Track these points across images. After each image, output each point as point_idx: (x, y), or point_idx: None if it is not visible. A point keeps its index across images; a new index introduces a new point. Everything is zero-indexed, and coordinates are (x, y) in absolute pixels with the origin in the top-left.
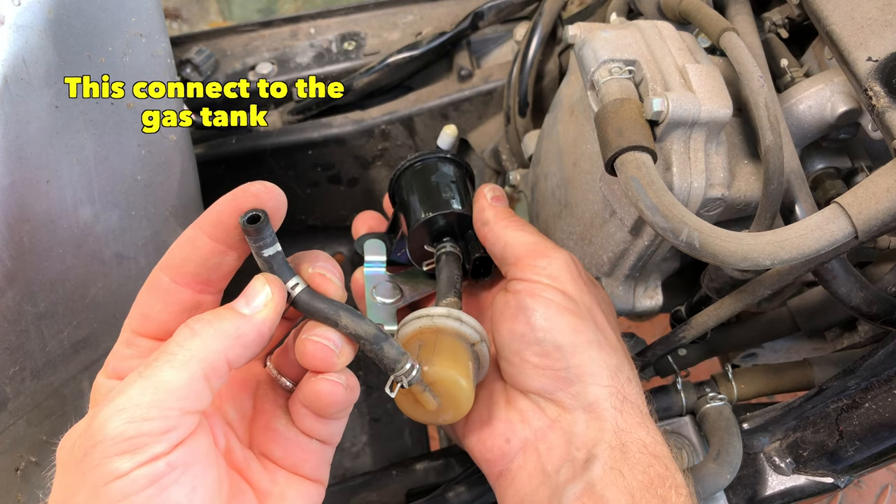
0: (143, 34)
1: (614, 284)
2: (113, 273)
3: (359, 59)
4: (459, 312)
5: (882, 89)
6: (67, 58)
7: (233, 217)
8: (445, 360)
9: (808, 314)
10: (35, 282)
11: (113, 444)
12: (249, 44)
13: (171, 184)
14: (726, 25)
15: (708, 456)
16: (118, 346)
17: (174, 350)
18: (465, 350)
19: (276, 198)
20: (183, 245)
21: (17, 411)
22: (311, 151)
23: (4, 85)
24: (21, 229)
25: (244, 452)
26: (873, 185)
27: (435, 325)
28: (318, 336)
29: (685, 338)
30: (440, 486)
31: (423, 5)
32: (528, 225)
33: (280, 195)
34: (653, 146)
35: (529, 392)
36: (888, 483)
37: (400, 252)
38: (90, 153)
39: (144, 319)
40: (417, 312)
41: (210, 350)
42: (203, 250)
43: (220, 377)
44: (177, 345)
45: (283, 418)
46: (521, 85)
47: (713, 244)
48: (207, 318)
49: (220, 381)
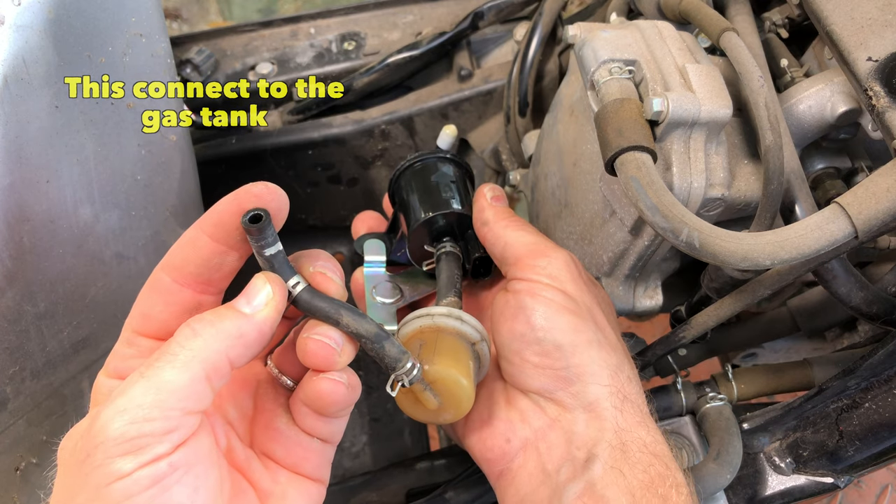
0: (143, 34)
1: (614, 284)
2: (113, 273)
3: (359, 59)
4: (460, 312)
5: (882, 89)
6: (67, 58)
7: (234, 217)
8: (446, 359)
9: (808, 314)
10: (35, 282)
11: (115, 444)
12: (249, 44)
13: (171, 184)
14: (726, 25)
15: (708, 456)
16: (119, 346)
17: (175, 350)
18: (465, 349)
19: (279, 198)
20: (184, 245)
21: (17, 411)
22: (311, 151)
23: (4, 85)
24: (21, 229)
25: (245, 452)
26: (873, 184)
27: (435, 325)
28: (320, 335)
29: (685, 338)
30: (440, 486)
31: (423, 5)
32: (527, 225)
33: (282, 196)
34: (653, 146)
35: (529, 391)
36: (888, 483)
37: (400, 252)
38: (90, 153)
39: (145, 319)
40: (418, 312)
41: (212, 350)
42: (204, 251)
43: (222, 377)
44: (178, 345)
45: (284, 417)
46: (521, 85)
47: (713, 244)
48: (208, 318)
49: (222, 380)
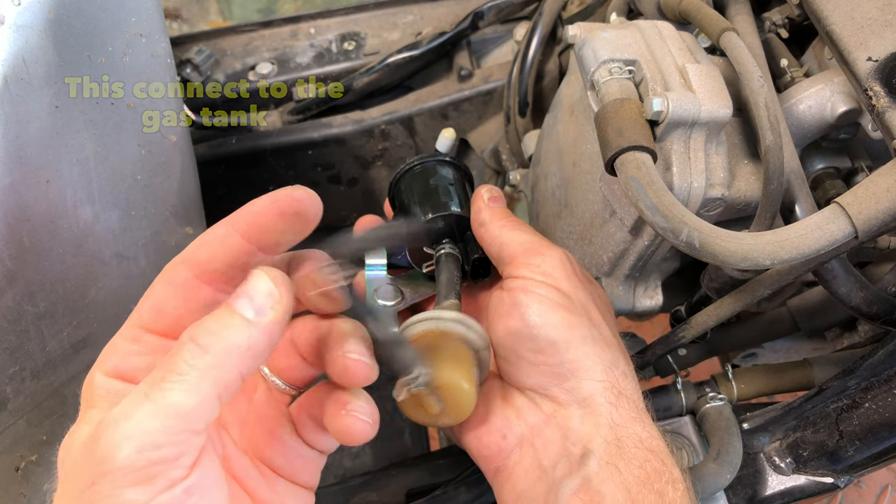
0: (143, 34)
1: (614, 284)
2: (113, 273)
3: (359, 59)
4: (466, 317)
5: (882, 89)
6: (67, 58)
7: (271, 219)
8: (451, 365)
9: (808, 314)
10: (35, 282)
11: (123, 475)
12: (249, 44)
13: (172, 184)
14: (726, 25)
15: (708, 456)
16: (119, 341)
17: (183, 370)
18: (469, 355)
19: (317, 204)
20: (211, 241)
21: (17, 411)
22: (311, 151)
23: (4, 85)
24: (21, 229)
25: (241, 459)
26: (873, 184)
27: (440, 329)
28: (357, 353)
29: (685, 338)
30: (440, 486)
31: (423, 5)
32: (524, 224)
33: (319, 202)
34: (653, 146)
35: (525, 388)
36: (888, 483)
37: (400, 255)
38: (90, 153)
39: (157, 314)
40: (423, 315)
41: (223, 369)
42: (233, 248)
43: (233, 393)
44: (185, 363)
45: (287, 427)
46: (521, 85)
47: (713, 244)
48: (213, 329)
49: (232, 395)
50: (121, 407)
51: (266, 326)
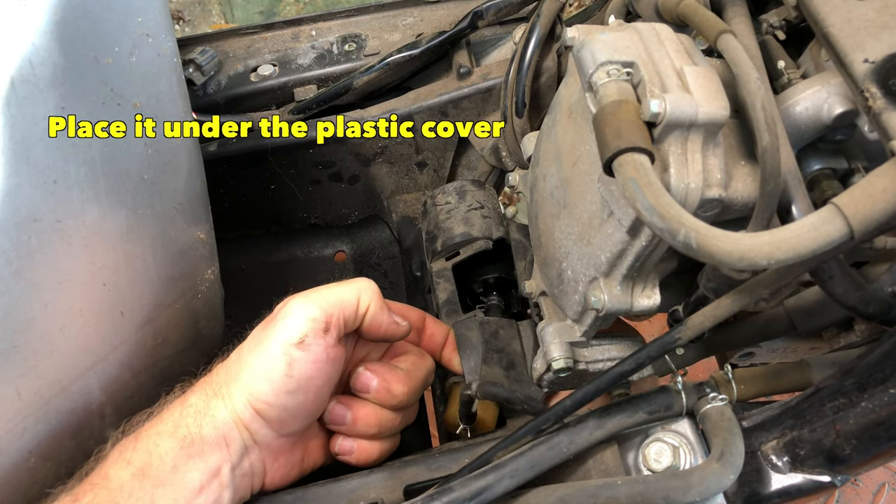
0: (150, 34)
1: (612, 284)
2: (121, 272)
3: (359, 60)
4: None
5: (878, 91)
6: (73, 59)
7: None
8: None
9: (805, 314)
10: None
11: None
12: (251, 46)
13: (178, 182)
14: (724, 27)
15: (711, 457)
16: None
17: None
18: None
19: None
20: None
21: (22, 411)
22: (312, 150)
23: (11, 87)
24: (29, 229)
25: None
26: (870, 185)
27: None
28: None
29: (682, 338)
30: (438, 481)
31: (423, 8)
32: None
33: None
34: (650, 147)
35: None
36: (885, 481)
37: None
38: (97, 152)
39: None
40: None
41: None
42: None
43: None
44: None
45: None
46: (519, 86)
47: (710, 244)
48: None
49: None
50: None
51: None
